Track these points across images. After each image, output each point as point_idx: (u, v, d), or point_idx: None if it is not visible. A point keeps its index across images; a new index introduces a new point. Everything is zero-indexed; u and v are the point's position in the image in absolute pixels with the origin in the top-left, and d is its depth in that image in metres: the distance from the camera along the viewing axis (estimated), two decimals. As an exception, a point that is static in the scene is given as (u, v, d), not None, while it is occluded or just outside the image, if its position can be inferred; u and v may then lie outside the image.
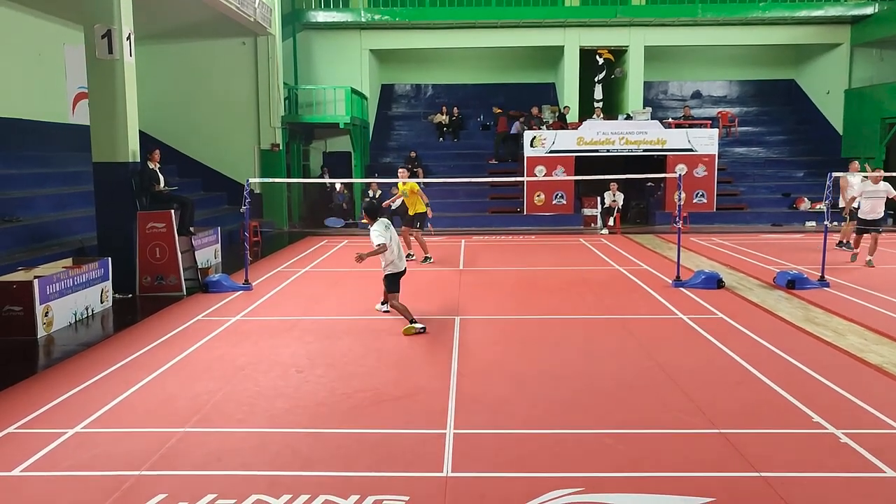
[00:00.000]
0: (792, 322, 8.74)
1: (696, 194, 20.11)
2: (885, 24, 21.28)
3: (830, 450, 5.06)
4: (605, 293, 10.67)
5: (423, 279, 11.70)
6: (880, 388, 6.36)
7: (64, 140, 15.54)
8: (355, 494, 4.42)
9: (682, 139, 20.10)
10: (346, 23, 22.54)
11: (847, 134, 22.58)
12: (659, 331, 8.43)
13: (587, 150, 20.02)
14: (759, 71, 25.28)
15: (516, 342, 8.00)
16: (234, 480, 4.65)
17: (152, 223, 10.91)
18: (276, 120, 19.57)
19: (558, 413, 5.82)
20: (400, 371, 6.95)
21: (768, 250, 14.79)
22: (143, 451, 5.08)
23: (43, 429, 5.53)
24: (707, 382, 6.51)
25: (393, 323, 8.79)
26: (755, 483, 4.55)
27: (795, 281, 10.68)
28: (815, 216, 19.54)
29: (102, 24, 10.49)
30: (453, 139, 24.00)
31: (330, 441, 5.30)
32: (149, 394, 6.34)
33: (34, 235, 11.55)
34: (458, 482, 4.60)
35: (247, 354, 7.53)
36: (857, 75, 22.80)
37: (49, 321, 8.60)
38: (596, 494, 4.40)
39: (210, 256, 13.40)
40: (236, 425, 5.60)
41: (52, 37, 15.55)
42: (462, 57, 24.72)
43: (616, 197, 19.10)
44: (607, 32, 22.78)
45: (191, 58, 19.28)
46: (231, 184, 19.12)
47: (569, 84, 22.92)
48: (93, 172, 10.96)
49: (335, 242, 16.80)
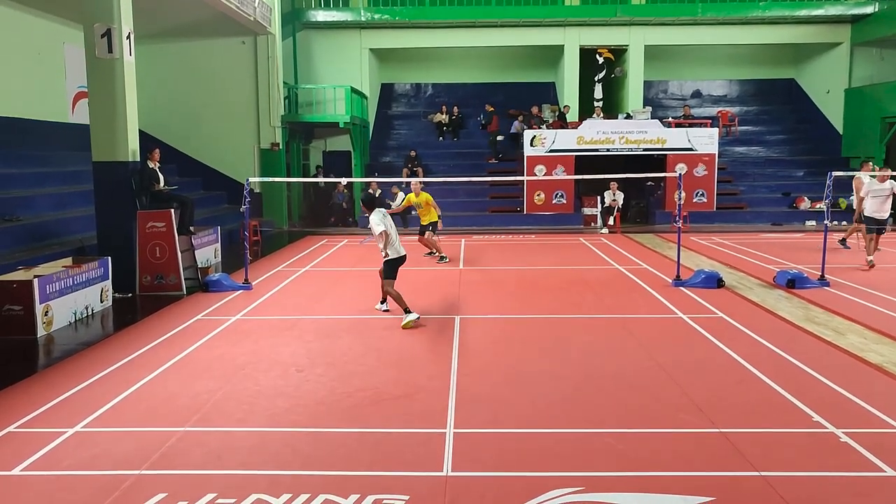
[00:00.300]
0: (792, 321, 8.73)
1: (696, 194, 20.11)
2: (885, 24, 21.27)
3: (830, 449, 5.06)
4: (605, 292, 10.66)
5: (424, 278, 11.71)
6: (880, 387, 6.36)
7: (64, 139, 15.54)
8: (355, 494, 4.42)
9: (682, 138, 20.10)
10: (345, 22, 22.54)
11: (847, 133, 22.58)
12: (659, 330, 8.42)
13: (587, 150, 20.01)
14: (760, 70, 25.28)
15: (516, 341, 7.99)
16: (234, 479, 4.65)
17: (152, 222, 10.91)
18: (275, 119, 19.58)
19: (558, 412, 5.82)
20: (400, 370, 6.95)
21: (768, 250, 14.79)
22: (143, 450, 5.08)
23: (43, 428, 5.53)
24: (707, 382, 6.51)
25: (393, 321, 8.79)
26: (755, 482, 4.55)
27: (795, 280, 10.69)
28: (815, 215, 19.54)
29: (102, 24, 10.48)
30: (453, 138, 23.99)
31: (330, 440, 5.30)
32: (149, 393, 6.34)
33: (34, 235, 11.55)
34: (457, 481, 4.60)
35: (247, 353, 7.53)
36: (858, 74, 22.80)
37: (49, 320, 8.60)
38: (596, 493, 4.39)
39: (210, 256, 13.40)
40: (236, 424, 5.60)
41: (52, 36, 15.56)
42: (462, 56, 24.71)
43: (616, 196, 19.10)
44: (607, 32, 22.78)
45: (191, 57, 19.29)
46: (231, 183, 19.12)
47: (569, 83, 22.92)
48: (93, 172, 10.96)
49: (335, 242, 16.79)
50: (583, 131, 20.20)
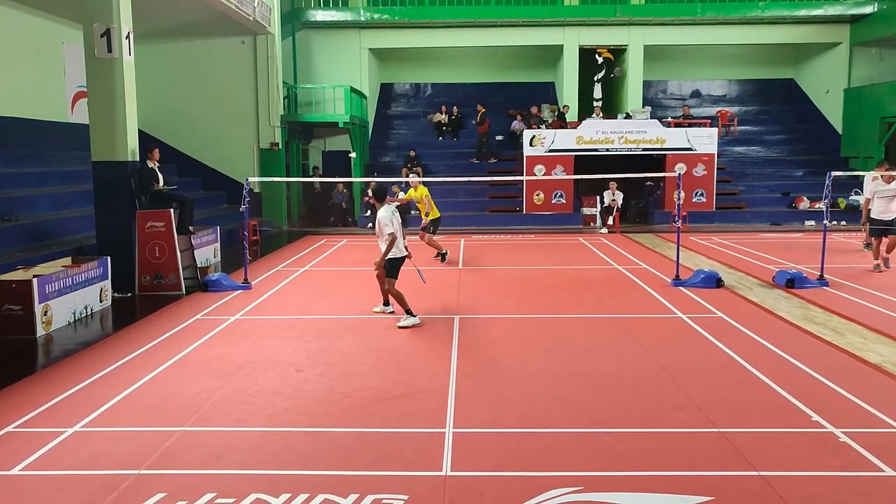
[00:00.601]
0: (791, 321, 8.74)
1: (696, 193, 20.11)
2: (884, 24, 21.28)
3: (829, 448, 5.06)
4: (604, 292, 10.66)
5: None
6: (879, 386, 6.36)
7: (63, 139, 15.54)
8: (354, 493, 4.42)
9: (681, 138, 20.10)
10: (345, 22, 22.53)
11: (846, 133, 22.59)
12: (658, 330, 8.43)
13: (586, 150, 20.01)
14: (759, 70, 25.28)
15: (516, 341, 7.99)
16: (234, 479, 4.64)
17: (151, 222, 10.91)
18: (275, 119, 19.57)
19: (557, 412, 5.82)
20: (399, 370, 6.95)
21: (767, 249, 14.80)
22: (142, 450, 5.07)
23: (42, 428, 5.53)
24: (706, 381, 6.51)
25: (392, 321, 8.78)
26: (754, 482, 4.55)
27: (794, 280, 10.69)
28: (814, 215, 19.54)
29: (102, 23, 10.48)
30: (453, 138, 23.99)
31: (329, 440, 5.30)
32: (148, 393, 6.34)
33: (33, 234, 11.54)
34: (457, 481, 4.60)
35: (246, 353, 7.52)
36: (857, 74, 22.81)
37: (48, 320, 8.59)
38: (595, 493, 4.40)
39: (209, 255, 13.40)
40: (235, 424, 5.60)
41: (52, 35, 15.55)
42: (461, 56, 24.70)
43: (615, 196, 19.10)
44: (607, 31, 22.78)
45: (190, 57, 19.27)
46: (230, 183, 19.11)
47: (568, 83, 22.91)
48: (92, 171, 10.96)
49: (334, 242, 16.79)
50: (582, 131, 20.20)
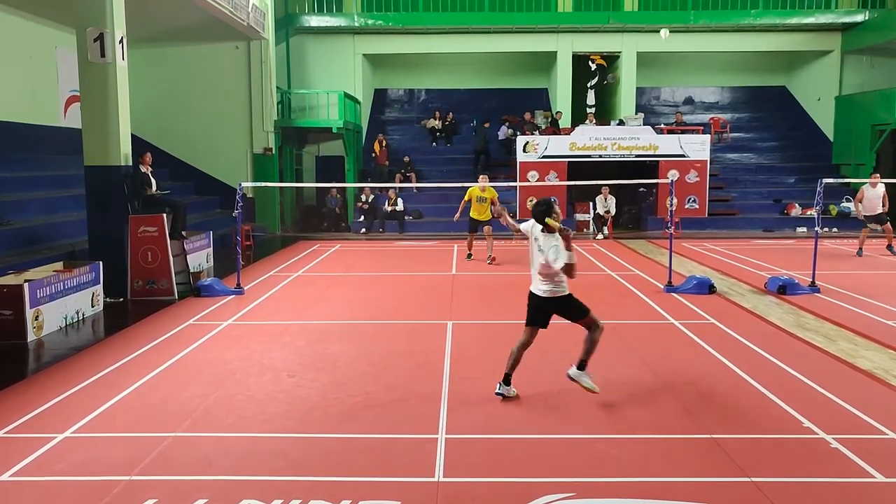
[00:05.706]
0: (783, 327, 8.77)
1: (688, 200, 20.16)
2: (875, 32, 21.43)
3: (821, 454, 5.08)
4: (597, 298, 10.62)
5: (416, 284, 11.71)
6: (870, 393, 6.39)
7: (55, 143, 15.47)
8: (346, 499, 4.41)
9: (674, 145, 20.16)
10: (339, 27, 22.54)
11: (838, 140, 22.70)
12: (650, 336, 8.45)
13: (580, 156, 20.05)
14: (751, 77, 25.40)
15: (508, 347, 7.93)
16: (225, 485, 4.63)
17: (144, 227, 10.87)
18: (268, 124, 19.55)
19: (550, 418, 5.83)
20: (392, 375, 6.94)
21: (759, 256, 14.85)
22: (133, 455, 5.05)
23: (32, 433, 5.50)
24: (698, 387, 6.53)
25: (385, 328, 8.77)
26: (745, 488, 4.57)
27: (786, 286, 10.74)
28: (806, 222, 19.62)
29: (95, 28, 10.46)
30: (446, 144, 24.00)
31: (321, 445, 5.29)
32: (139, 398, 6.32)
33: (25, 239, 11.49)
34: (449, 487, 4.60)
35: (238, 358, 7.50)
36: (848, 82, 22.94)
37: (39, 325, 8.55)
38: (587, 499, 4.40)
39: (202, 260, 13.37)
40: (227, 430, 5.58)
41: (45, 40, 15.50)
42: (455, 62, 24.73)
43: (608, 203, 19.13)
44: (600, 38, 22.85)
45: (184, 61, 19.25)
46: (223, 188, 19.08)
47: (561, 89, 22.97)
48: (84, 176, 10.92)
49: (327, 247, 16.76)
50: (575, 137, 20.23)
